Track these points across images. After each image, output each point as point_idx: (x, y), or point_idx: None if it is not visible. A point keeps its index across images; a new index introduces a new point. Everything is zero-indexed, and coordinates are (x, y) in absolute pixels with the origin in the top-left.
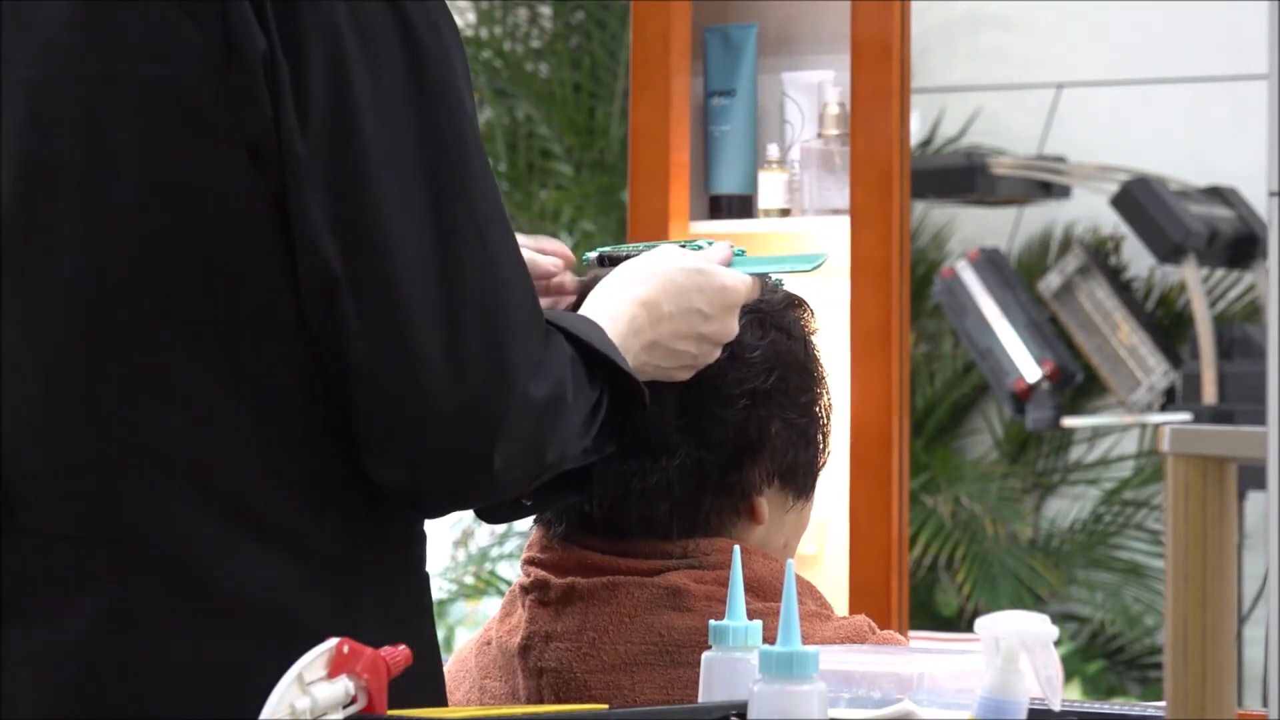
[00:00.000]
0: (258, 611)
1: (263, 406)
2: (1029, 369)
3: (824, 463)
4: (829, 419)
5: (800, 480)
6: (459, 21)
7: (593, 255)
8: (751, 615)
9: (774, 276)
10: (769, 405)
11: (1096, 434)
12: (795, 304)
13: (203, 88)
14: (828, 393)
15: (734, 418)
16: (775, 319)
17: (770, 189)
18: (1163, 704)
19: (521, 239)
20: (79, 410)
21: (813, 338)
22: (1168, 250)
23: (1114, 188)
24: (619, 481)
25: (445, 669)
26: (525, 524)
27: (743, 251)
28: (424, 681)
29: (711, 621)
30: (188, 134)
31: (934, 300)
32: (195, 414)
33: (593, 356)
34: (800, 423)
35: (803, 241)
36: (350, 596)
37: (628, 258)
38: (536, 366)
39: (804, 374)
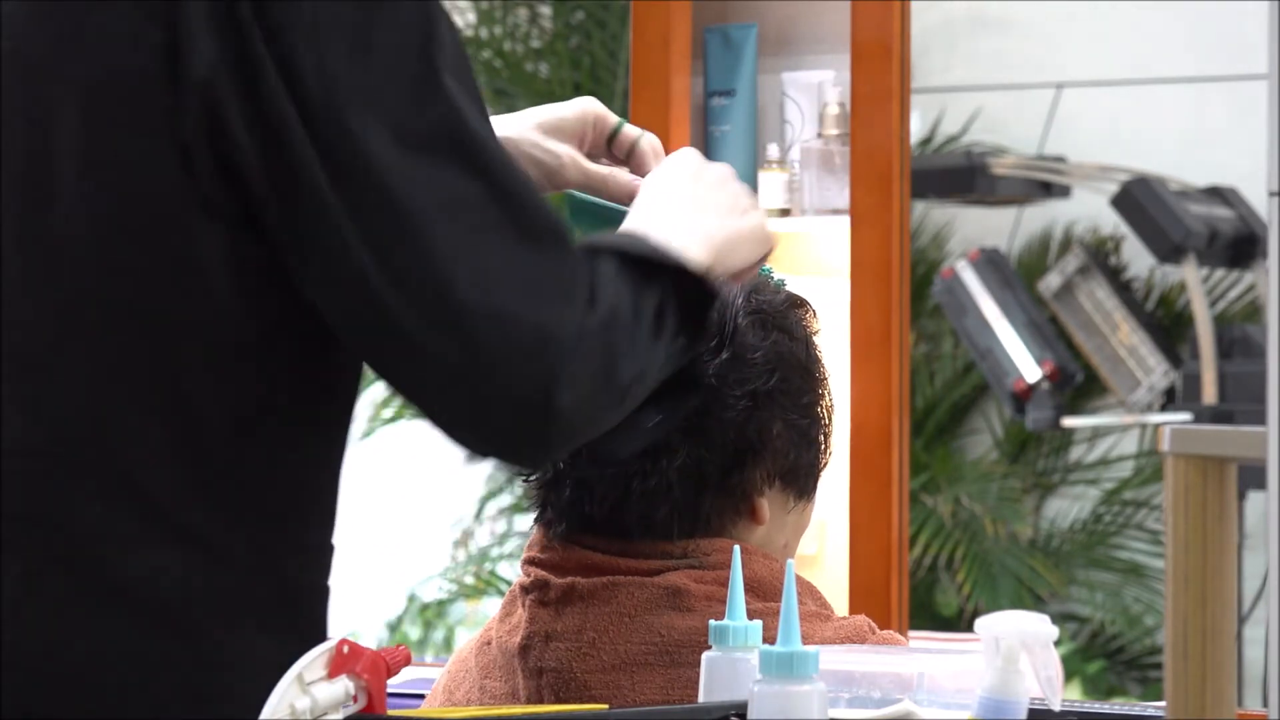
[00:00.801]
0: (149, 603)
1: (177, 403)
2: (1029, 369)
3: (825, 464)
4: (830, 420)
5: (801, 481)
6: (459, 21)
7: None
8: (751, 615)
9: (777, 276)
10: (770, 406)
11: (1096, 434)
12: (797, 304)
13: (143, 88)
14: (829, 394)
15: (735, 418)
16: (777, 320)
17: (770, 189)
18: (1163, 704)
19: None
20: (15, 390)
21: (815, 338)
22: (1168, 250)
23: (1114, 188)
24: (620, 482)
25: (445, 669)
26: (526, 524)
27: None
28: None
29: (711, 621)
30: (123, 129)
31: (934, 300)
32: (113, 405)
33: (640, 262)
34: (802, 424)
35: (803, 242)
36: (246, 597)
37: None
38: (580, 294)
39: (806, 375)
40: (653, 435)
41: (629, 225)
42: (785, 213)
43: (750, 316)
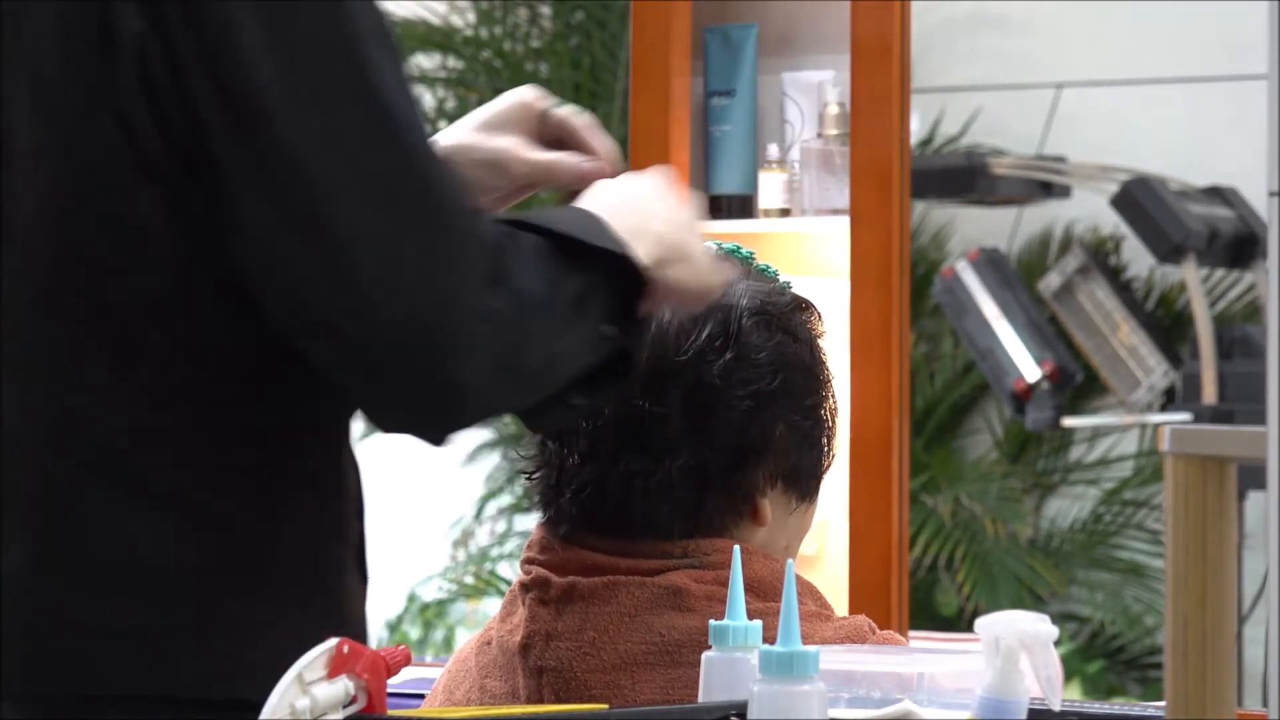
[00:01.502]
0: (151, 580)
1: (167, 381)
2: (1029, 369)
3: (828, 466)
4: (834, 422)
5: (803, 483)
6: (459, 21)
7: None
8: (751, 615)
9: (782, 277)
10: (773, 407)
11: (1096, 434)
12: (802, 306)
13: (77, 61)
14: (833, 396)
15: (738, 419)
16: (781, 321)
17: (770, 189)
18: (1163, 704)
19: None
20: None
21: (819, 341)
22: (1168, 250)
23: (1114, 188)
24: (623, 482)
25: (445, 669)
26: (526, 524)
27: (738, 249)
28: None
29: (711, 621)
30: (63, 108)
31: (934, 300)
32: (94, 387)
33: (568, 243)
34: (804, 425)
35: (803, 242)
36: (244, 568)
37: None
38: (478, 270)
39: (809, 377)
40: (575, 415)
41: (579, 204)
42: (785, 213)
43: (754, 317)
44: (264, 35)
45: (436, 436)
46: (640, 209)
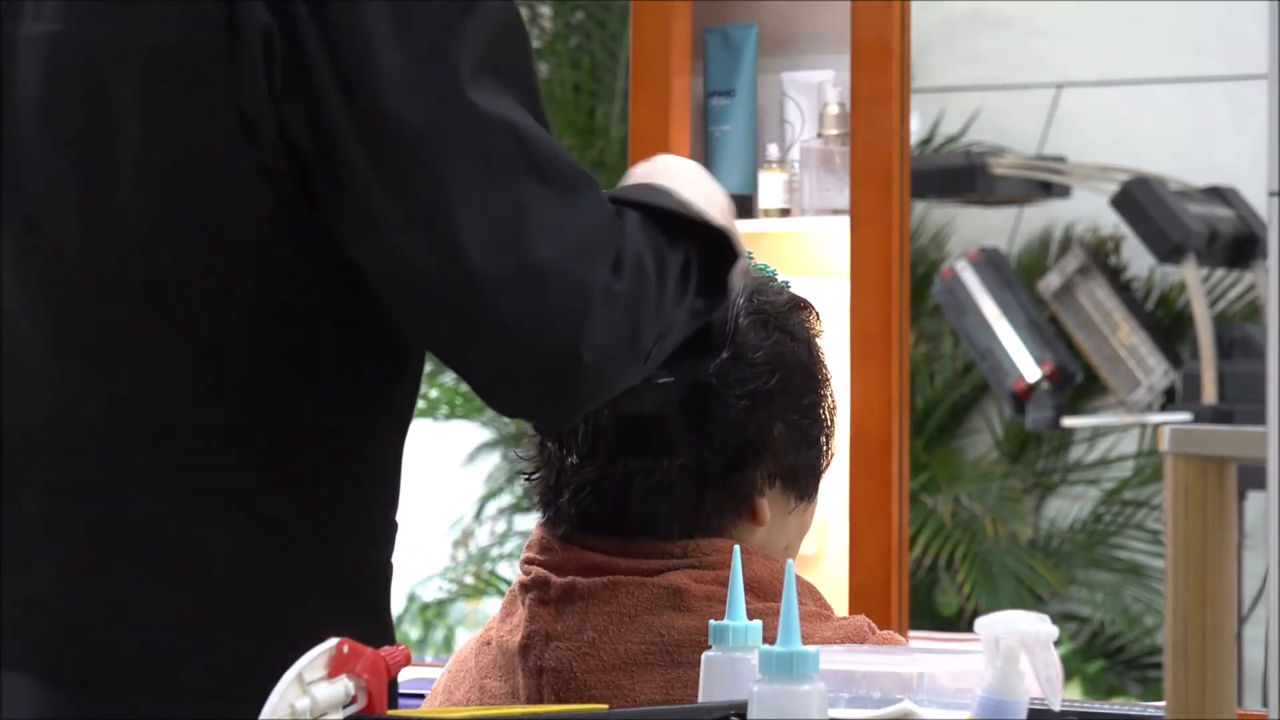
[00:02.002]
0: (217, 578)
1: (237, 375)
2: (1029, 369)
3: (827, 465)
4: (832, 421)
5: (802, 482)
6: None
7: None
8: (751, 615)
9: (780, 277)
10: (771, 406)
11: (1096, 434)
12: (800, 306)
13: (202, 56)
14: (831, 395)
15: (735, 419)
16: (779, 320)
17: (770, 189)
18: (1163, 704)
19: None
20: (69, 365)
21: (817, 340)
22: (1168, 250)
23: (1114, 188)
24: (622, 482)
25: (445, 669)
26: (526, 524)
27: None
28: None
29: (711, 621)
30: (185, 102)
31: (934, 300)
32: (170, 378)
33: (666, 218)
34: (803, 425)
35: (803, 242)
36: (312, 571)
37: None
38: (609, 251)
39: (807, 376)
40: (661, 394)
41: (642, 181)
42: (785, 213)
43: (752, 317)
44: (391, 30)
45: (558, 418)
46: (697, 186)
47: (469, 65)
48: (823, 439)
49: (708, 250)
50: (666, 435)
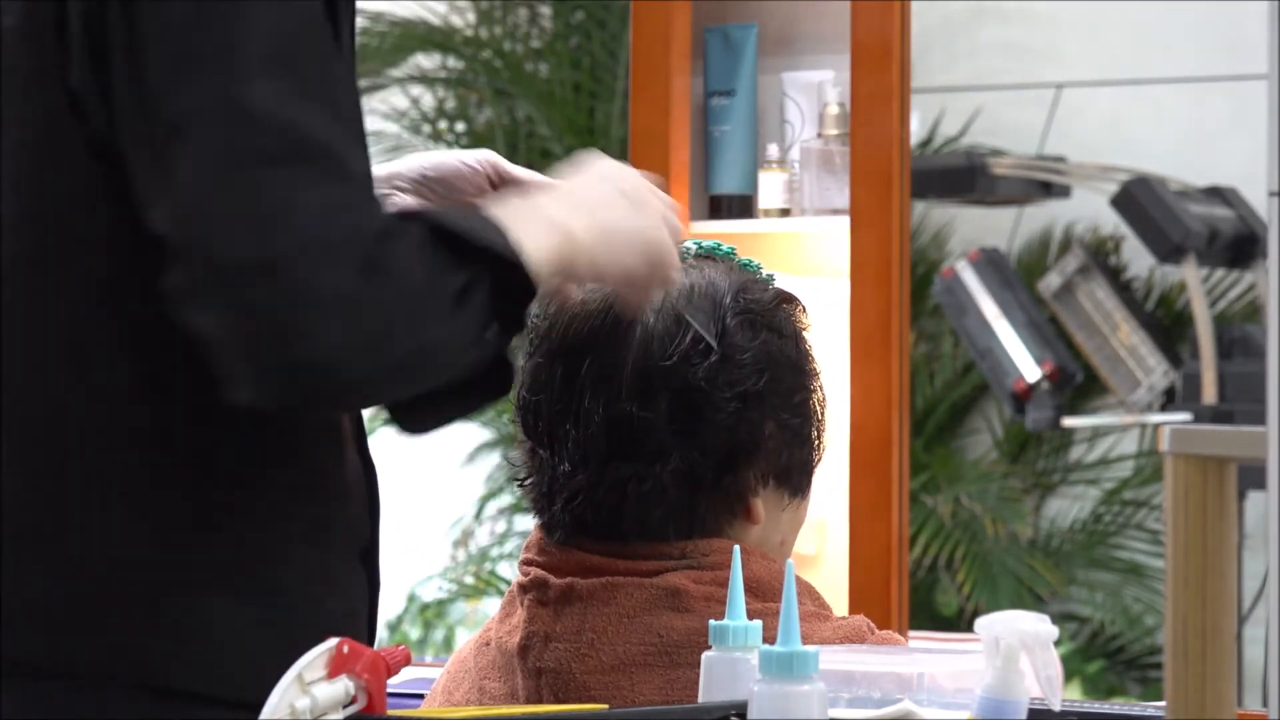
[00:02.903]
0: (103, 565)
1: (112, 366)
2: (1029, 369)
3: (819, 460)
4: (823, 415)
5: (796, 479)
6: (459, 21)
7: None
8: (750, 616)
9: (765, 271)
10: (761, 407)
11: (1096, 434)
12: (785, 300)
13: (34, 39)
14: (821, 388)
15: (726, 421)
16: (766, 318)
17: (770, 189)
18: (1163, 704)
19: (456, 153)
20: None
21: (804, 333)
22: (1168, 250)
23: (1114, 188)
24: (614, 488)
25: (445, 669)
26: (526, 524)
27: (733, 250)
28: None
29: (711, 621)
30: (21, 87)
31: (934, 300)
32: (54, 376)
33: (456, 239)
34: (794, 423)
35: (803, 242)
36: (198, 561)
37: None
38: (359, 257)
39: (796, 373)
40: (449, 418)
41: (489, 204)
42: (785, 213)
43: (739, 317)
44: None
45: (290, 408)
46: (571, 198)
47: (254, 61)
48: (814, 434)
49: (503, 280)
50: (657, 440)
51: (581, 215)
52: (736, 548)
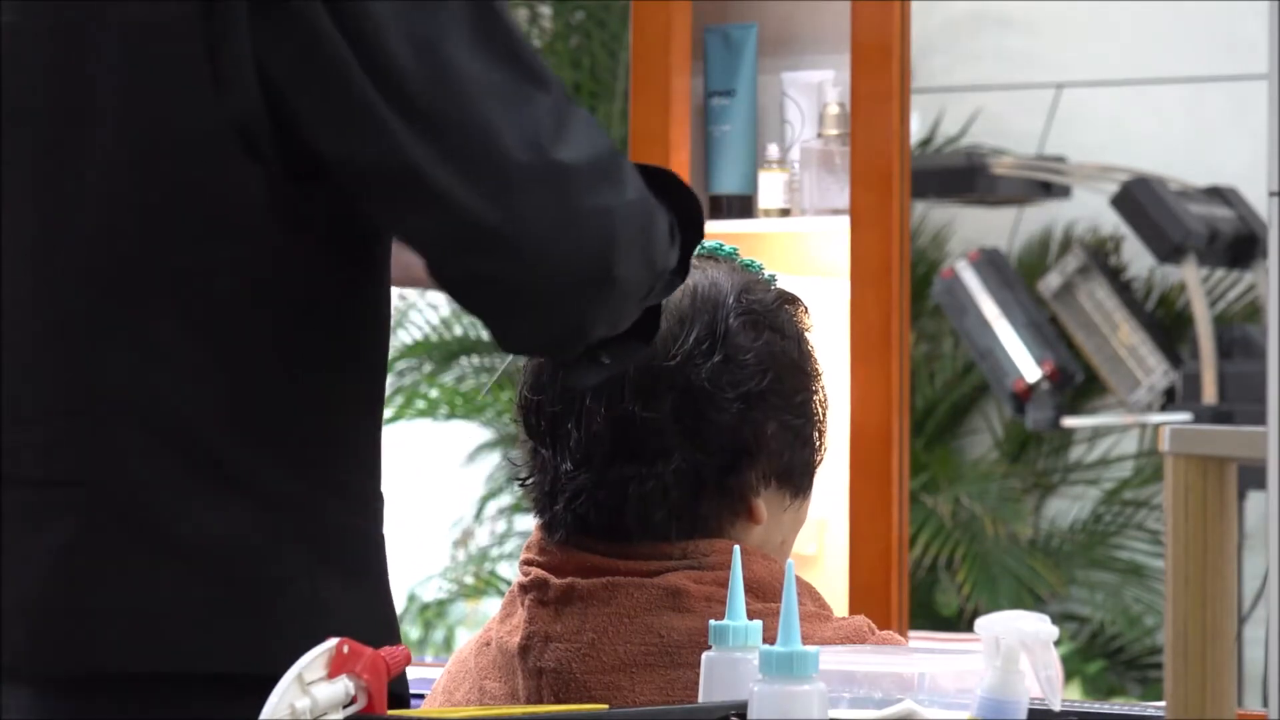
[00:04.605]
0: (216, 557)
1: (226, 353)
2: (1029, 369)
3: (821, 460)
4: (825, 416)
5: (797, 479)
6: None
7: None
8: (750, 616)
9: (767, 271)
10: (763, 407)
11: (1096, 434)
12: (788, 301)
13: (179, 26)
14: (823, 389)
15: (729, 421)
16: (768, 319)
17: (770, 189)
18: (1163, 704)
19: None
20: (44, 355)
21: (806, 334)
22: (1168, 250)
23: (1114, 188)
24: (616, 488)
25: (445, 669)
26: (526, 524)
27: (735, 250)
28: (386, 632)
29: (711, 621)
30: (164, 74)
31: (934, 300)
32: (158, 358)
33: (655, 177)
34: (796, 423)
35: (803, 242)
36: (310, 546)
37: None
38: (621, 175)
39: (798, 373)
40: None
41: None
42: (785, 213)
43: (741, 318)
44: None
45: (576, 342)
46: None
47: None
48: (816, 435)
49: (684, 223)
50: (660, 440)
51: None
52: (737, 548)
